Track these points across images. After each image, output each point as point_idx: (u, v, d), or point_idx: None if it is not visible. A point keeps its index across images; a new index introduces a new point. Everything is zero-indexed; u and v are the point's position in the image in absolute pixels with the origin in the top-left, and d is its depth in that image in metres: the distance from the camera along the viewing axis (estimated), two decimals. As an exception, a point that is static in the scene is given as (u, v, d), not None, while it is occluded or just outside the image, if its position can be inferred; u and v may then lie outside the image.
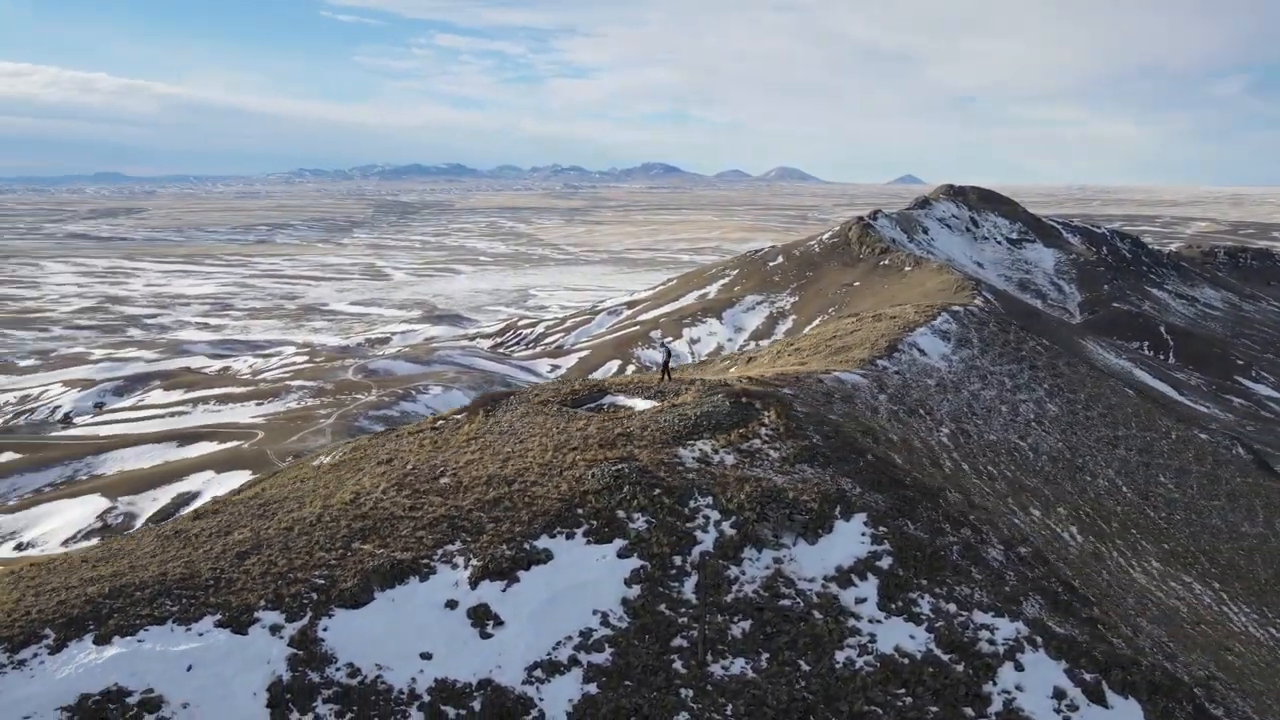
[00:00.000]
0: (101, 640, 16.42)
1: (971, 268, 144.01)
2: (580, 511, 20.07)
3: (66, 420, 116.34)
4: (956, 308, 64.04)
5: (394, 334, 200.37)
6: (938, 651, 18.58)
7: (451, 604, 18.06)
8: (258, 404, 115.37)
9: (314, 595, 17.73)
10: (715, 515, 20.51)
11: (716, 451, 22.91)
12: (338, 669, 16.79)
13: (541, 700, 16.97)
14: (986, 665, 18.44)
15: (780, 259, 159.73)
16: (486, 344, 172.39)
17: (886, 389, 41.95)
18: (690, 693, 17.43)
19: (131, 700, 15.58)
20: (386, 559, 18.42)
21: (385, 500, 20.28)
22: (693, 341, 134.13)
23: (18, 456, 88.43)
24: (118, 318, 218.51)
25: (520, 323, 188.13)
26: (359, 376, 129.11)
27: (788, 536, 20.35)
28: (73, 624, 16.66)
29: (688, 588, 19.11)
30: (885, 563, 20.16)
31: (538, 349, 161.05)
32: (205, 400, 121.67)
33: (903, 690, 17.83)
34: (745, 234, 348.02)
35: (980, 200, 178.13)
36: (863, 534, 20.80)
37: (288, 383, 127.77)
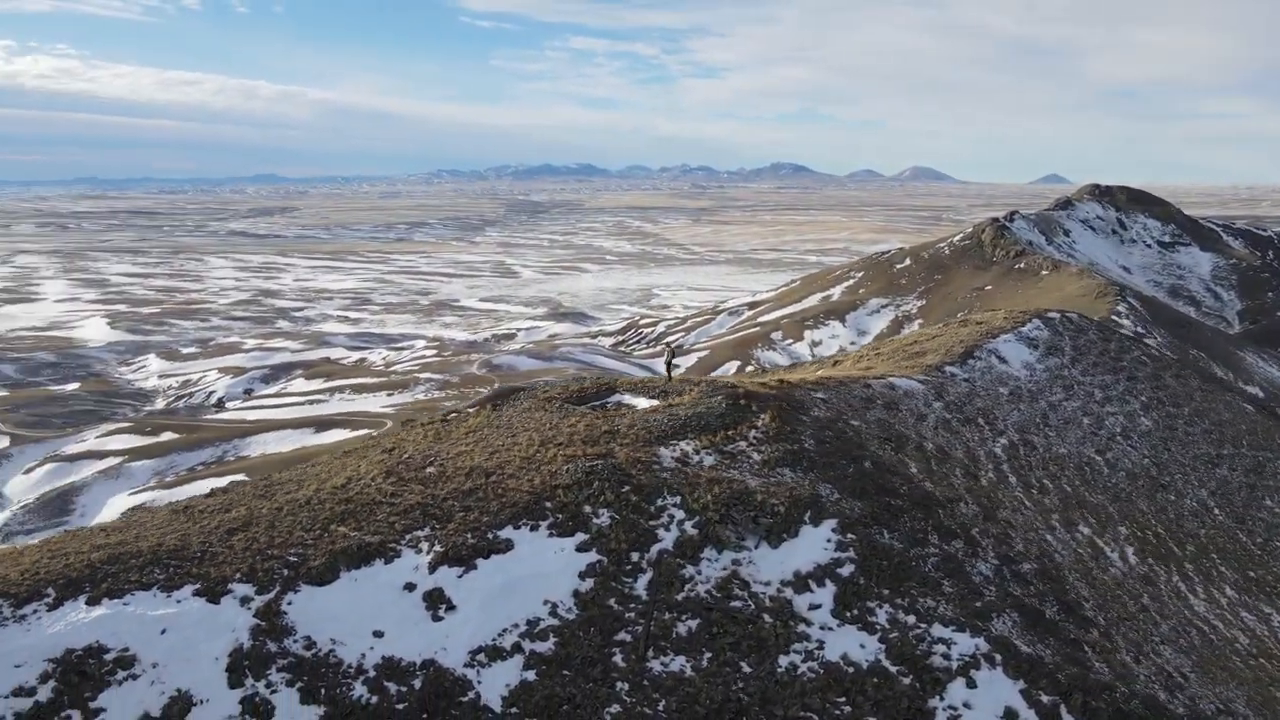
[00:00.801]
0: (92, 601, 18.28)
1: (1116, 272, 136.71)
2: (548, 505, 20.80)
3: (219, 405, 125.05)
4: (1052, 314, 61.24)
5: (519, 330, 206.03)
6: (886, 662, 18.38)
7: (410, 586, 19.13)
8: (388, 394, 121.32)
9: (285, 571, 19.14)
10: (680, 515, 20.84)
11: (698, 452, 23.18)
12: (295, 641, 18.11)
13: (479, 683, 17.80)
14: (936, 680, 18.12)
15: (908, 261, 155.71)
16: (608, 342, 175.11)
17: (945, 396, 40.85)
18: (626, 686, 17.89)
19: (108, 657, 17.31)
20: (356, 541, 19.65)
21: (371, 486, 21.58)
22: (814, 344, 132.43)
23: (176, 437, 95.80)
24: (269, 310, 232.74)
25: (642, 321, 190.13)
26: (483, 371, 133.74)
27: (751, 539, 20.47)
28: (71, 585, 18.59)
29: (640, 584, 19.54)
30: (846, 570, 20.01)
31: (658, 347, 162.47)
32: (341, 390, 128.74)
33: (843, 699, 17.75)
34: (875, 235, 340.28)
35: (1129, 201, 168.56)
36: (828, 540, 20.69)
37: (417, 375, 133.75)
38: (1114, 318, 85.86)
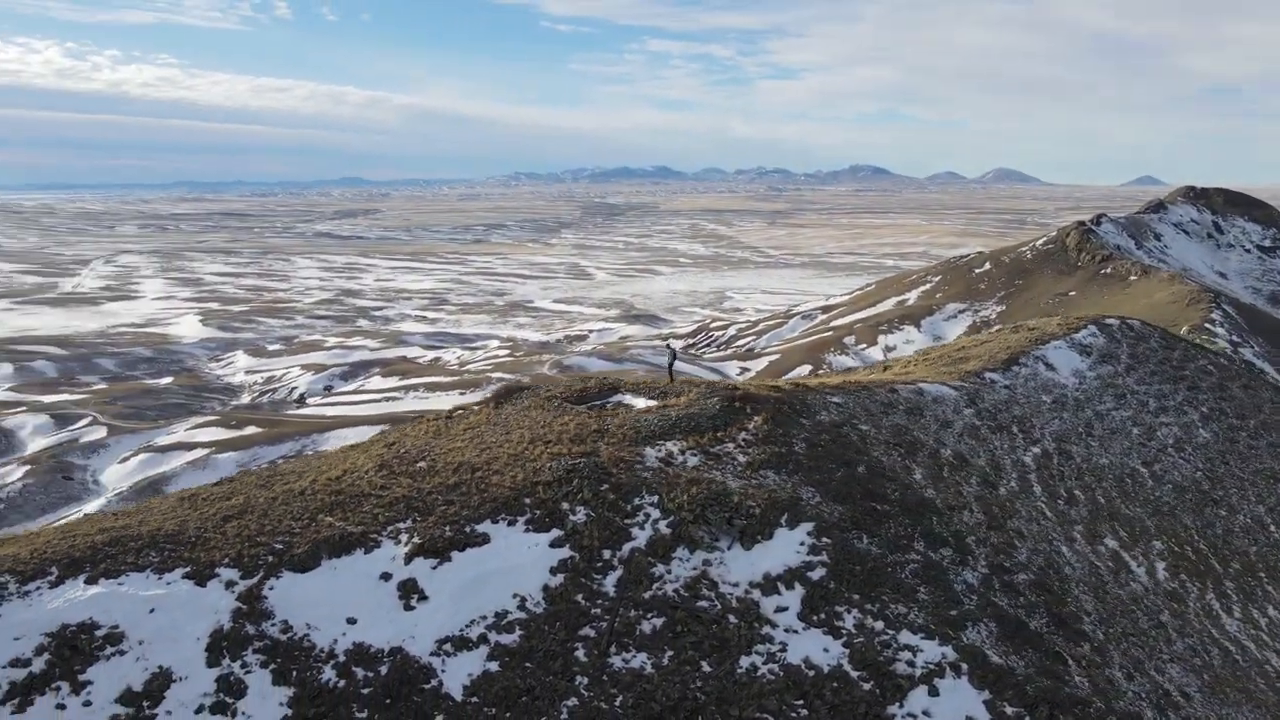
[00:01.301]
0: (90, 580, 19.43)
1: (1211, 278, 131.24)
2: (527, 500, 21.26)
3: (301, 400, 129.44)
4: (1110, 320, 59.27)
5: (591, 331, 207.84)
6: (848, 667, 18.30)
7: (386, 576, 19.81)
8: (460, 393, 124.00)
9: (270, 558, 20.02)
10: (656, 514, 21.06)
11: (684, 452, 23.35)
12: (273, 624, 18.94)
13: (443, 672, 18.36)
14: (898, 686, 17.97)
15: (987, 265, 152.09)
16: (678, 344, 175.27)
17: (979, 402, 40.06)
18: (585, 680, 18.22)
19: (99, 633, 18.40)
20: (339, 531, 20.43)
21: (363, 479, 22.37)
22: (888, 349, 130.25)
23: (259, 431, 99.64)
24: (350, 309, 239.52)
25: (712, 324, 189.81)
26: (553, 371, 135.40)
27: (724, 540, 20.58)
28: (73, 564, 19.79)
29: (610, 581, 19.84)
30: (817, 574, 19.96)
31: (728, 351, 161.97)
32: (416, 388, 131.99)
33: (800, 702, 17.76)
34: (955, 239, 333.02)
35: (1226, 203, 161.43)
36: (802, 543, 20.65)
37: (489, 374, 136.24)
38: (1207, 326, 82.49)
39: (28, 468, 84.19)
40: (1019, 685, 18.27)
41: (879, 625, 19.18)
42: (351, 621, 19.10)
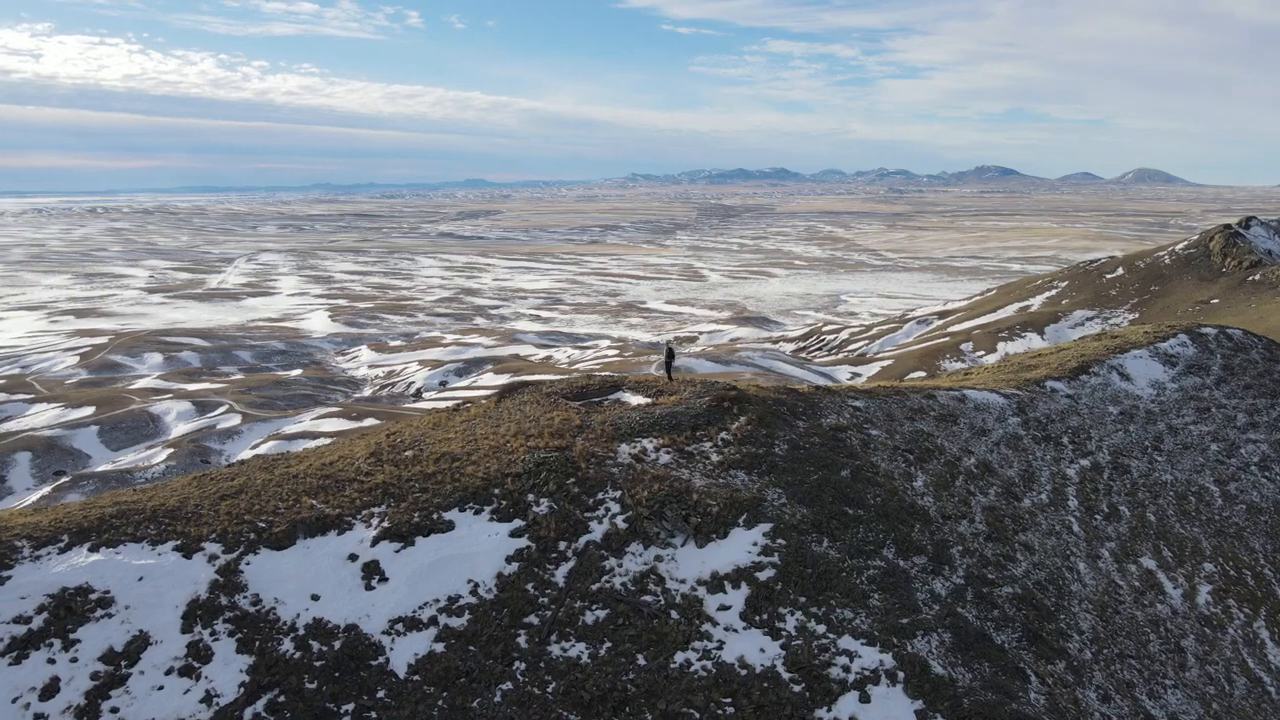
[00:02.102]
0: (94, 548, 21.26)
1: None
2: (496, 491, 22.00)
3: (417, 395, 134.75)
4: (1207, 330, 55.75)
5: (701, 333, 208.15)
6: (781, 669, 18.27)
7: (353, 557, 20.92)
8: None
9: (251, 535, 21.43)
10: (616, 509, 21.44)
11: (658, 450, 23.59)
12: (245, 597, 20.30)
13: (391, 650, 19.29)
14: (828, 691, 17.84)
15: (1120, 270, 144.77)
16: (789, 348, 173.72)
17: (1029, 412, 38.62)
18: (523, 666, 18.82)
19: (92, 597, 20.15)
20: (317, 512, 21.67)
21: (351, 466, 23.60)
22: (1007, 357, 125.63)
23: (376, 423, 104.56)
24: (468, 308, 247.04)
25: (824, 328, 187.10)
26: (660, 372, 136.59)
27: (679, 537, 20.78)
28: (81, 533, 21.68)
29: (561, 572, 20.37)
30: (766, 574, 19.94)
31: (839, 355, 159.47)
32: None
33: (728, 700, 17.87)
34: (1089, 242, 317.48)
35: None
36: (755, 544, 20.65)
37: (596, 374, 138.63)
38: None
39: (170, 450, 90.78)
40: (957, 698, 17.83)
41: (821, 629, 19.04)
42: (315, 598, 20.28)
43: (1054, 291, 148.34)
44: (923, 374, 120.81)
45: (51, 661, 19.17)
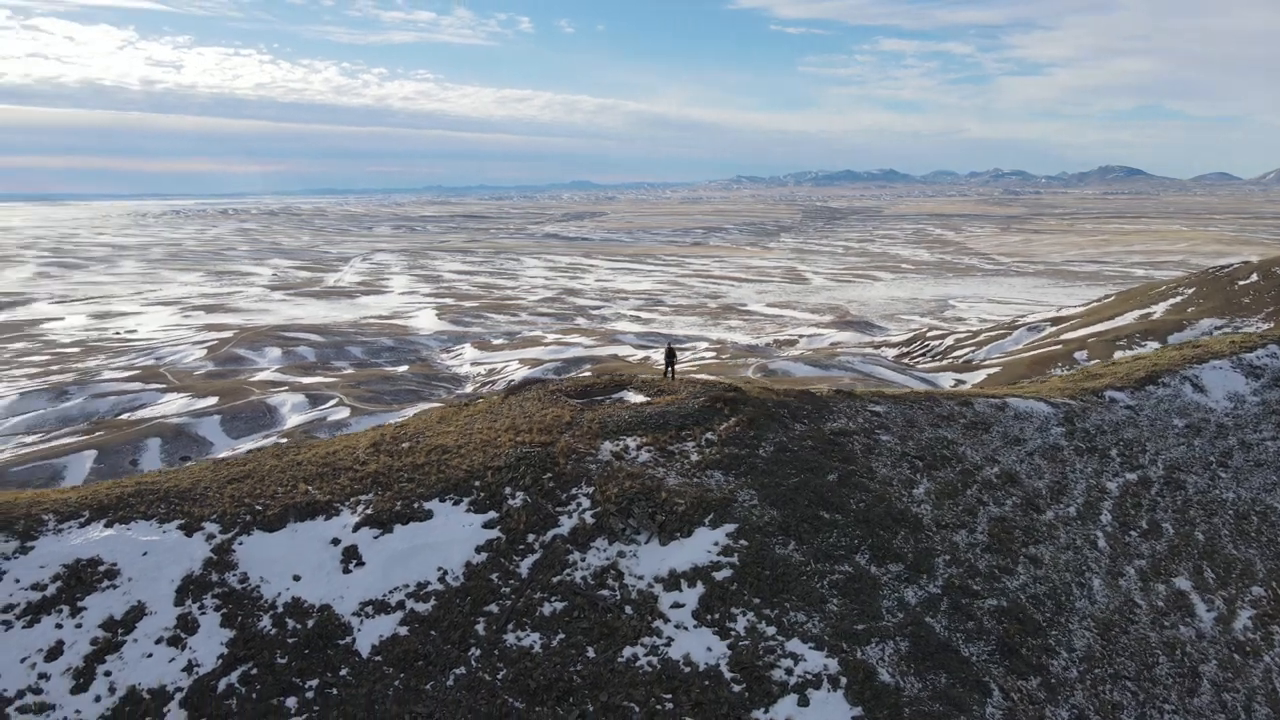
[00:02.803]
0: (109, 524, 22.98)
1: None
2: (477, 483, 22.73)
3: None
4: (1303, 340, 52.18)
5: (801, 336, 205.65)
6: (724, 668, 18.37)
7: (335, 541, 21.98)
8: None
9: (247, 517, 22.76)
10: (587, 504, 21.86)
11: (640, 448, 23.85)
12: (234, 575, 21.60)
13: (359, 631, 20.24)
14: (768, 693, 17.85)
15: (1254, 277, 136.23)
16: (891, 353, 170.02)
17: (1077, 422, 37.15)
18: (477, 652, 19.47)
19: (101, 568, 21.81)
20: (309, 498, 22.84)
21: (351, 455, 24.75)
22: None
23: None
24: (570, 308, 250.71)
25: (929, 333, 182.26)
26: (758, 375, 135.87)
27: (644, 534, 21.04)
28: (101, 509, 23.46)
29: (526, 563, 20.93)
30: (723, 574, 20.01)
31: (944, 361, 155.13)
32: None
33: (668, 696, 18.09)
34: (1222, 246, 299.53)
35: None
36: (716, 543, 20.72)
37: (692, 375, 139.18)
38: None
39: (285, 441, 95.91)
40: (899, 706, 17.56)
41: (770, 631, 19.02)
42: (297, 578, 21.43)
43: (1179, 298, 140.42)
44: (1031, 382, 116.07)
45: (59, 626, 20.87)
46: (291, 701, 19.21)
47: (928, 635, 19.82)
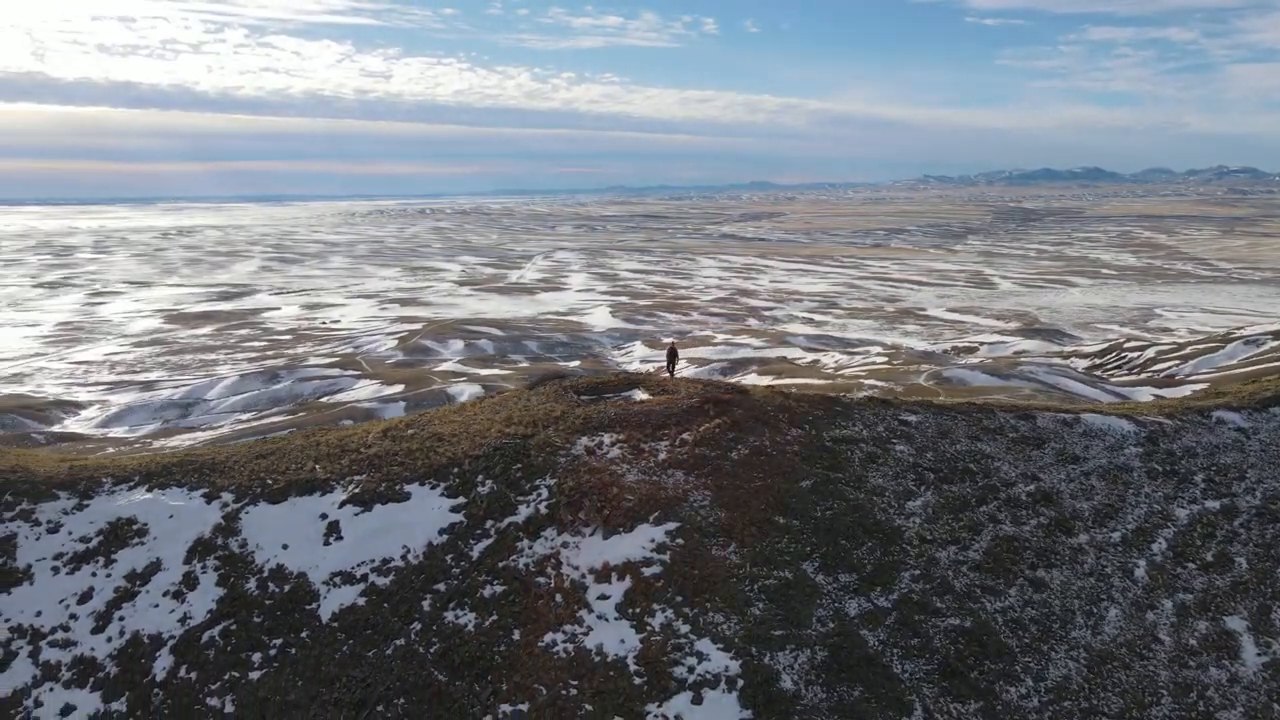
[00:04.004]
0: (149, 489, 26.05)
1: None
2: (455, 470, 24.10)
3: None
4: None
5: (982, 344, 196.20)
6: (631, 661, 18.81)
7: (323, 516, 23.97)
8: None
9: (258, 490, 25.16)
10: (545, 495, 22.73)
11: (614, 444, 24.36)
12: (235, 540, 24.01)
13: (324, 598, 22.08)
14: (665, 688, 18.17)
15: None
16: (1082, 364, 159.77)
17: (1162, 443, 34.35)
18: (418, 626, 20.84)
19: (134, 527, 24.83)
20: (312, 475, 24.97)
21: (362, 438, 26.77)
22: None
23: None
24: (742, 309, 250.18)
25: (1126, 344, 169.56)
26: (929, 382, 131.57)
27: (591, 527, 21.68)
28: (149, 476, 26.59)
29: (479, 547, 22.06)
30: (652, 570, 20.35)
31: (1142, 375, 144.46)
32: (787, 388, 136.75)
33: (575, 682, 18.77)
34: None
35: None
36: (653, 539, 21.04)
37: (861, 380, 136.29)
38: None
39: None
40: (789, 713, 17.41)
41: (685, 629, 19.24)
42: (285, 547, 23.57)
43: None
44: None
45: (94, 575, 23.99)
46: (257, 657, 21.29)
47: (855, 647, 19.39)
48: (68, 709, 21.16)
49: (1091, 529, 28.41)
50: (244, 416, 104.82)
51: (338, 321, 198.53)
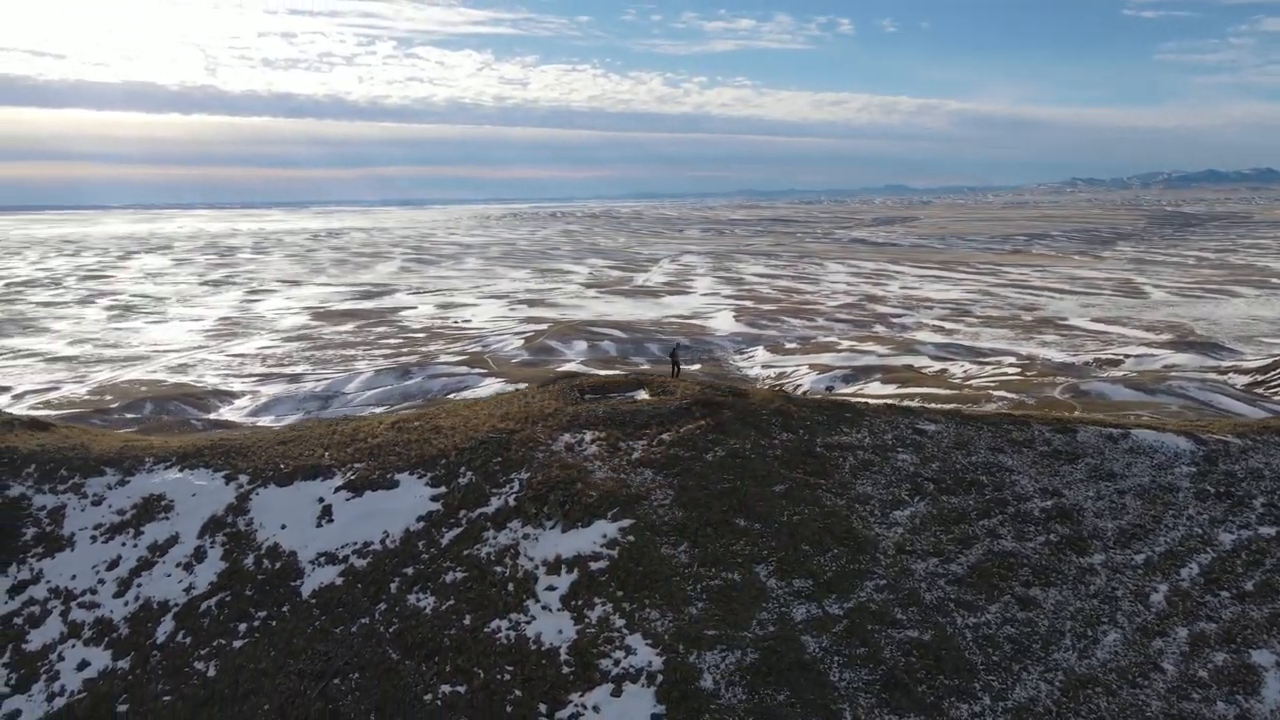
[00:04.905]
0: (181, 469, 28.27)
1: None
2: (443, 461, 25.13)
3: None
4: None
5: (1128, 356, 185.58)
6: (564, 651, 19.28)
7: (321, 500, 25.44)
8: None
9: (270, 473, 26.91)
10: (517, 488, 23.41)
11: (594, 442, 24.76)
12: (243, 518, 25.80)
13: (308, 576, 23.52)
14: (590, 679, 18.56)
15: None
16: (1241, 380, 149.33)
17: (1222, 463, 32.13)
18: (383, 607, 21.93)
19: (163, 503, 27.04)
20: (319, 462, 26.53)
21: (372, 429, 28.20)
22: None
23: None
24: (869, 315, 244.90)
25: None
26: (1065, 396, 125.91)
27: (552, 520, 22.23)
28: (183, 458, 28.85)
29: (450, 535, 22.97)
30: (599, 565, 20.71)
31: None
32: (910, 397, 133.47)
33: (511, 668, 19.42)
34: None
35: None
36: (605, 535, 21.38)
37: (990, 391, 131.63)
38: None
39: None
40: (700, 711, 17.48)
41: (620, 623, 19.54)
42: (283, 527, 25.18)
43: None
44: None
45: (124, 544, 26.29)
46: (243, 627, 22.89)
47: (790, 652, 19.21)
48: (83, 664, 23.33)
49: (1111, 549, 26.94)
50: (377, 410, 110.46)
51: (469, 321, 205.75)
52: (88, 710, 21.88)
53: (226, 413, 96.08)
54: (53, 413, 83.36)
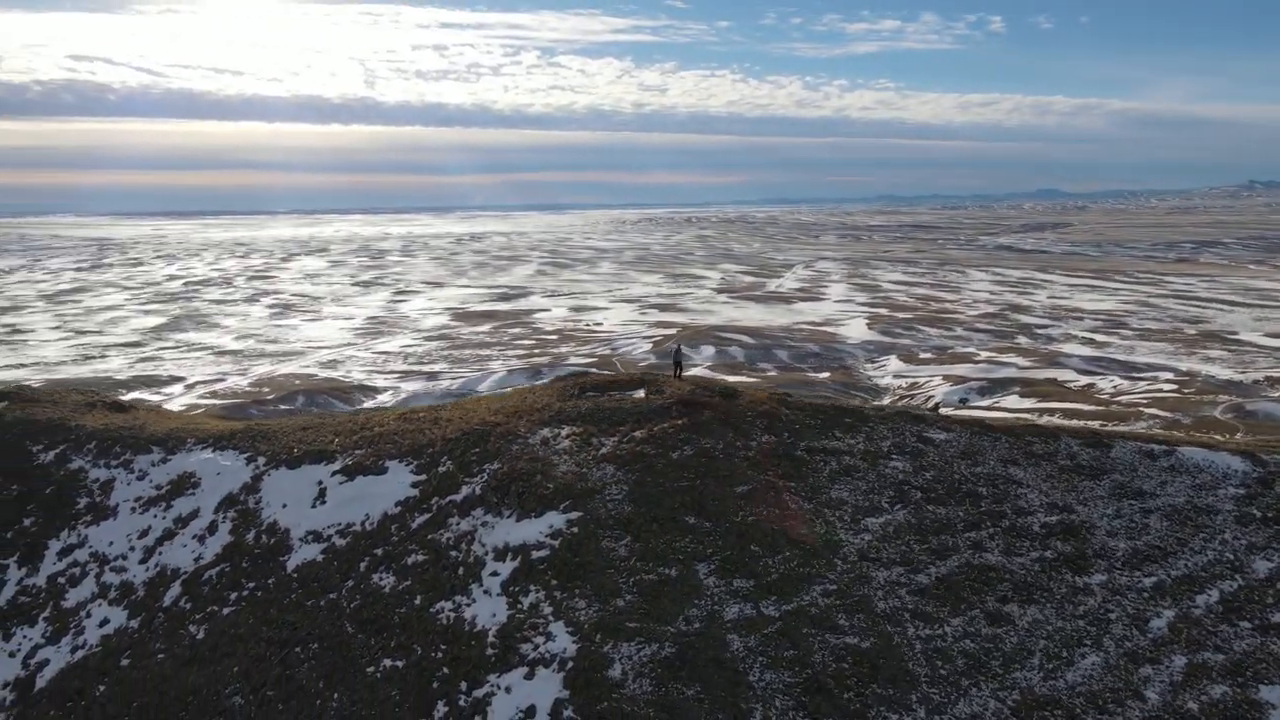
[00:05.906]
0: (213, 450, 30.58)
1: None
2: (429, 451, 26.26)
3: (934, 409, 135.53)
4: None
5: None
6: (492, 634, 19.97)
7: (319, 482, 27.03)
8: (1100, 424, 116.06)
9: (284, 456, 28.76)
10: (485, 478, 24.23)
11: (569, 436, 25.22)
12: (254, 497, 27.72)
13: (295, 552, 25.12)
14: (509, 661, 19.17)
15: None
16: None
17: (1276, 485, 29.62)
18: (350, 584, 23.19)
19: (192, 480, 29.40)
20: (327, 447, 28.19)
21: (381, 420, 29.69)
22: None
23: None
24: (1012, 325, 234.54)
25: None
26: (1226, 416, 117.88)
27: (510, 509, 22.93)
28: (218, 440, 31.18)
29: (419, 520, 24.03)
30: (539, 554, 21.23)
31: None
32: (1050, 412, 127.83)
33: (444, 645, 20.29)
34: None
35: None
36: (551, 525, 21.86)
37: (1141, 409, 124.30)
38: None
39: None
40: (601, 698, 17.76)
41: (549, 610, 20.03)
42: (284, 506, 26.92)
43: None
44: None
45: (155, 516, 28.76)
46: (233, 595, 24.68)
47: (710, 649, 19.18)
48: (104, 621, 25.75)
49: (1116, 570, 25.42)
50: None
51: (600, 324, 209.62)
52: (98, 663, 24.16)
53: (369, 407, 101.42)
54: (217, 402, 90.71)
